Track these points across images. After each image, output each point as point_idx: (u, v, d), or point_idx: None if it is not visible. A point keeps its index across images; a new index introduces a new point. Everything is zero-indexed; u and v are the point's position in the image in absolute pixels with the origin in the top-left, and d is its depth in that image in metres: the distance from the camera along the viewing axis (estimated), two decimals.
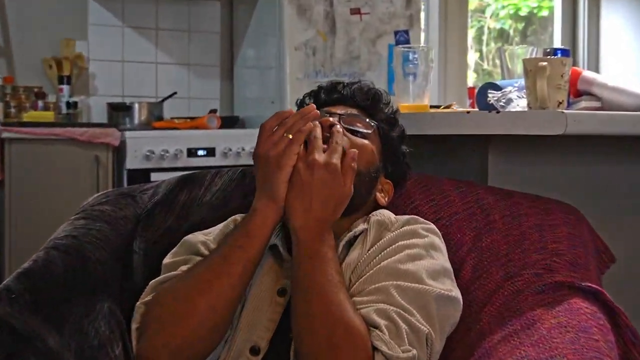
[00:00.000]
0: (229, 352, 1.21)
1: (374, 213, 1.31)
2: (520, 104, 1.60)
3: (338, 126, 1.25)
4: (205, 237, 1.32)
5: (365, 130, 1.34)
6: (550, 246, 1.36)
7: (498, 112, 1.53)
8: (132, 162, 3.40)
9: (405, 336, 1.09)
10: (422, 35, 4.39)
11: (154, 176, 3.36)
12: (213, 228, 1.37)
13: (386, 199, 1.37)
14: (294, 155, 1.19)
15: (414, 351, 1.08)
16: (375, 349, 1.07)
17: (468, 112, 1.62)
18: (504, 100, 1.61)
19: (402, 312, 1.11)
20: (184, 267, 1.25)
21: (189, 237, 1.34)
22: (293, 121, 1.20)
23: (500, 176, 1.67)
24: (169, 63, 4.16)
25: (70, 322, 1.25)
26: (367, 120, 1.36)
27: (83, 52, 3.88)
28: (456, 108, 1.91)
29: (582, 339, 1.15)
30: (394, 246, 1.22)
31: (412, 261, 1.19)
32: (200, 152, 3.57)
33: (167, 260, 1.31)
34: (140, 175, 3.36)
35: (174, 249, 1.33)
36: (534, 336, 1.17)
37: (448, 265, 1.24)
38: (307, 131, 1.20)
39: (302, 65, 3.80)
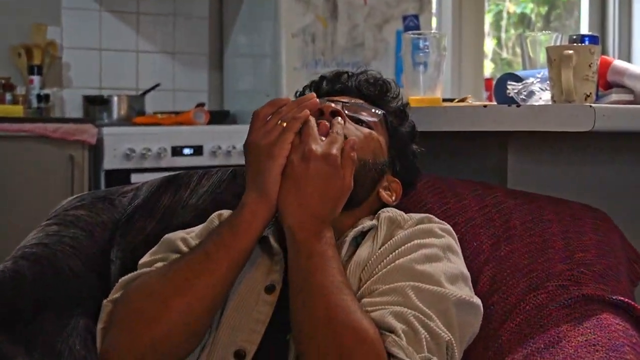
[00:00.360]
0: (208, 357, 1.21)
1: (383, 210, 1.31)
2: (543, 96, 1.60)
3: (339, 118, 1.25)
4: (186, 235, 1.32)
5: (371, 119, 1.34)
6: (576, 255, 1.36)
7: (518, 105, 1.53)
8: (111, 162, 3.40)
9: (424, 343, 1.09)
10: (434, 20, 4.40)
11: (135, 177, 3.36)
12: (196, 227, 1.36)
13: (393, 197, 1.36)
14: (287, 144, 1.18)
15: (434, 358, 1.08)
16: (390, 355, 1.07)
17: (485, 106, 1.62)
18: (525, 93, 1.61)
19: (420, 316, 1.11)
20: (159, 265, 1.25)
21: (169, 235, 1.34)
22: (288, 109, 1.21)
23: (521, 177, 1.67)
24: (152, 51, 4.16)
25: (41, 341, 1.25)
26: (373, 109, 1.36)
27: (56, 39, 3.88)
28: (472, 101, 1.91)
29: (612, 359, 1.15)
30: (408, 244, 1.22)
31: (429, 262, 1.19)
32: (186, 151, 3.56)
33: (143, 260, 1.31)
34: (120, 177, 3.36)
35: (153, 248, 1.33)
36: (559, 356, 1.17)
37: (465, 270, 1.25)
38: (302, 118, 1.20)
39: (300, 53, 3.80)
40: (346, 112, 1.30)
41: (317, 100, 1.24)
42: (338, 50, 3.87)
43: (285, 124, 1.19)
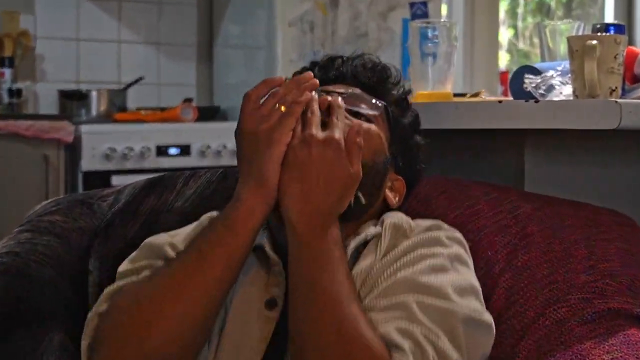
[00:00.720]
0: None
1: (386, 215, 1.30)
2: (563, 91, 1.60)
3: (339, 100, 1.23)
4: (171, 239, 1.30)
5: (371, 112, 1.32)
6: (601, 265, 1.35)
7: (537, 101, 1.53)
8: (89, 162, 3.40)
9: None
10: (444, 7, 4.40)
11: (116, 179, 3.36)
12: (181, 229, 1.35)
13: (397, 198, 1.35)
14: (288, 130, 1.16)
15: None
16: None
17: (500, 101, 1.62)
18: (543, 87, 1.61)
19: (427, 332, 1.10)
20: (146, 273, 1.24)
21: (151, 239, 1.32)
22: (286, 91, 1.18)
23: (539, 179, 1.67)
24: (135, 42, 4.16)
25: None
26: (374, 100, 1.34)
27: (29, 28, 3.88)
28: (485, 97, 1.91)
29: None
30: (412, 254, 1.21)
31: (434, 273, 1.18)
32: (173, 151, 3.56)
33: (122, 267, 1.28)
34: (99, 179, 3.36)
35: (131, 254, 1.30)
36: None
37: (476, 283, 1.24)
38: (304, 103, 1.18)
39: (297, 44, 3.81)
40: (344, 104, 1.27)
41: (316, 80, 1.21)
42: (339, 41, 3.87)
43: (283, 108, 1.17)
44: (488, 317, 1.21)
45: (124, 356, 1.15)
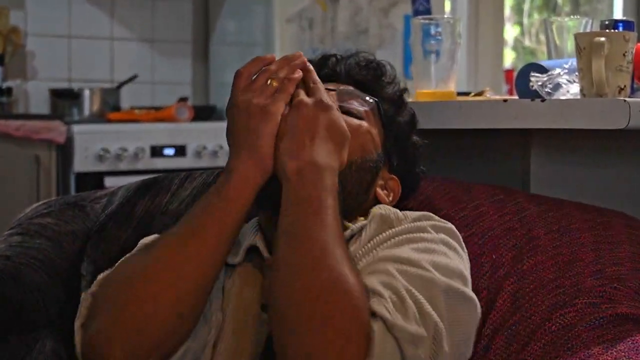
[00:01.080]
0: None
1: (376, 207, 1.31)
2: (570, 90, 1.60)
3: (308, 64, 1.27)
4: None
5: (361, 108, 1.34)
6: (609, 269, 1.36)
7: (543, 100, 1.53)
8: (82, 163, 3.40)
9: (412, 315, 1.07)
10: (447, 3, 4.40)
11: (109, 181, 3.36)
12: None
13: (390, 197, 1.36)
14: (282, 103, 1.21)
15: (424, 332, 1.06)
16: (374, 315, 1.06)
17: (505, 100, 1.62)
18: (550, 86, 1.61)
19: (412, 290, 1.10)
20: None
21: (145, 239, 1.33)
22: (278, 68, 1.24)
23: (546, 181, 1.67)
24: (128, 39, 4.17)
25: None
26: (365, 97, 1.36)
27: (19, 25, 3.88)
28: (490, 95, 1.91)
29: None
30: (395, 239, 1.22)
31: (417, 253, 1.18)
32: (167, 151, 3.57)
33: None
34: (92, 180, 3.37)
35: (127, 255, 1.30)
36: None
37: (465, 271, 1.22)
38: (297, 80, 1.23)
39: (296, 41, 3.81)
40: (336, 102, 1.30)
41: (305, 59, 1.27)
42: (339, 38, 3.87)
43: (275, 84, 1.22)
44: (471, 293, 1.18)
45: (117, 329, 1.15)
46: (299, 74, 1.24)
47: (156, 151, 3.55)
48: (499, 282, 1.38)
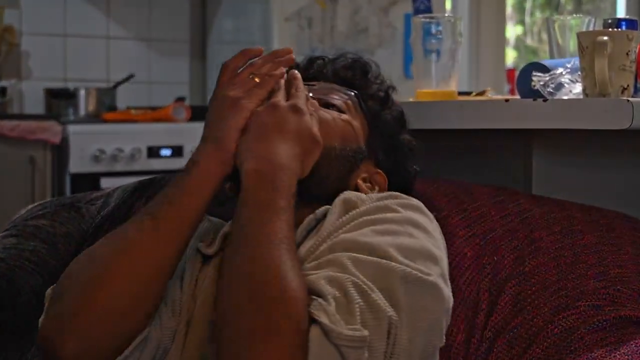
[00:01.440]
0: (183, 355, 1.21)
1: (342, 193, 1.29)
2: (573, 89, 1.60)
3: (296, 72, 1.28)
4: None
5: (340, 100, 1.35)
6: (611, 271, 1.36)
7: (545, 100, 1.53)
8: (77, 164, 3.40)
9: (357, 313, 1.04)
10: (448, 1, 4.40)
11: (105, 182, 3.36)
12: None
13: (375, 190, 1.35)
14: (257, 100, 1.22)
15: (365, 332, 1.03)
16: (313, 320, 1.04)
17: (507, 100, 1.62)
18: (552, 85, 1.61)
19: (360, 283, 1.07)
20: None
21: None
22: (262, 63, 1.25)
23: (548, 182, 1.67)
24: (125, 38, 4.16)
25: None
26: (347, 90, 1.38)
27: (14, 24, 3.88)
28: (491, 95, 1.91)
29: None
30: (357, 220, 1.19)
31: (377, 235, 1.15)
32: (164, 152, 3.57)
33: None
34: (87, 181, 3.36)
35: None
36: None
37: (435, 250, 1.18)
38: (278, 77, 1.25)
39: (295, 40, 3.81)
40: (311, 94, 1.31)
41: (293, 56, 1.28)
42: (338, 37, 3.87)
43: (257, 79, 1.23)
44: (437, 280, 1.13)
45: (77, 310, 1.16)
46: (280, 71, 1.25)
47: (153, 152, 3.54)
48: (501, 284, 1.38)
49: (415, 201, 1.25)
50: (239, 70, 1.24)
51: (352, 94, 1.38)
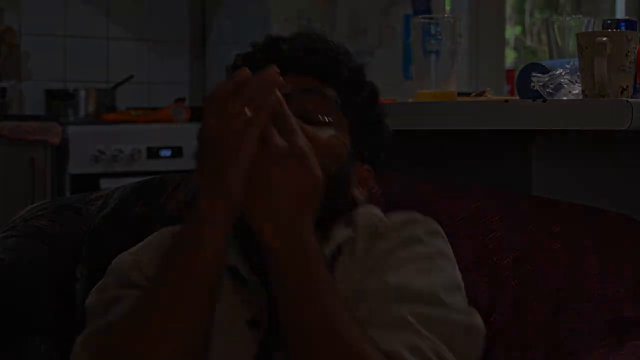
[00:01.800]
0: None
1: (357, 213, 1.27)
2: (572, 90, 1.60)
3: (284, 105, 1.14)
4: (134, 257, 1.27)
5: (328, 116, 1.26)
6: (612, 272, 1.35)
7: (544, 100, 1.53)
8: (77, 165, 3.40)
9: None
10: (448, 2, 4.40)
11: (105, 183, 3.36)
12: (142, 243, 1.32)
13: (365, 192, 1.32)
14: (254, 140, 1.10)
15: None
16: None
17: (506, 100, 1.62)
18: (552, 86, 1.61)
19: (435, 347, 1.11)
20: (117, 311, 1.18)
21: (114, 263, 1.28)
22: (252, 89, 1.11)
23: (548, 182, 1.67)
24: (124, 38, 4.16)
25: None
26: (327, 93, 1.28)
27: (14, 25, 3.88)
28: (491, 96, 1.91)
29: None
30: (393, 258, 1.21)
31: (422, 276, 1.18)
32: (164, 152, 3.56)
33: (90, 299, 1.24)
34: (87, 182, 3.36)
35: (99, 282, 1.26)
36: None
37: (459, 275, 1.24)
38: (270, 108, 1.11)
39: None
40: (292, 109, 1.17)
41: (281, 79, 1.13)
42: (338, 37, 3.85)
43: (249, 113, 1.10)
44: (478, 320, 1.20)
45: None
46: (272, 99, 1.11)
47: (152, 152, 3.54)
48: (500, 285, 1.38)
49: (434, 224, 1.28)
50: (227, 101, 1.11)
51: (338, 101, 1.29)
